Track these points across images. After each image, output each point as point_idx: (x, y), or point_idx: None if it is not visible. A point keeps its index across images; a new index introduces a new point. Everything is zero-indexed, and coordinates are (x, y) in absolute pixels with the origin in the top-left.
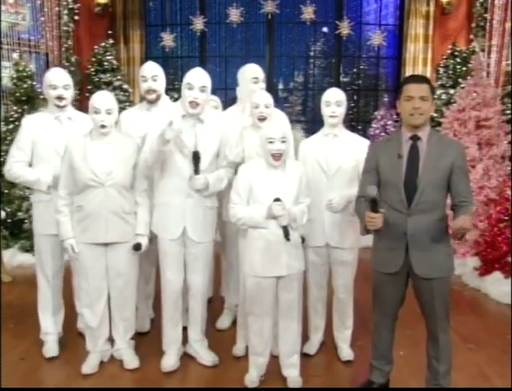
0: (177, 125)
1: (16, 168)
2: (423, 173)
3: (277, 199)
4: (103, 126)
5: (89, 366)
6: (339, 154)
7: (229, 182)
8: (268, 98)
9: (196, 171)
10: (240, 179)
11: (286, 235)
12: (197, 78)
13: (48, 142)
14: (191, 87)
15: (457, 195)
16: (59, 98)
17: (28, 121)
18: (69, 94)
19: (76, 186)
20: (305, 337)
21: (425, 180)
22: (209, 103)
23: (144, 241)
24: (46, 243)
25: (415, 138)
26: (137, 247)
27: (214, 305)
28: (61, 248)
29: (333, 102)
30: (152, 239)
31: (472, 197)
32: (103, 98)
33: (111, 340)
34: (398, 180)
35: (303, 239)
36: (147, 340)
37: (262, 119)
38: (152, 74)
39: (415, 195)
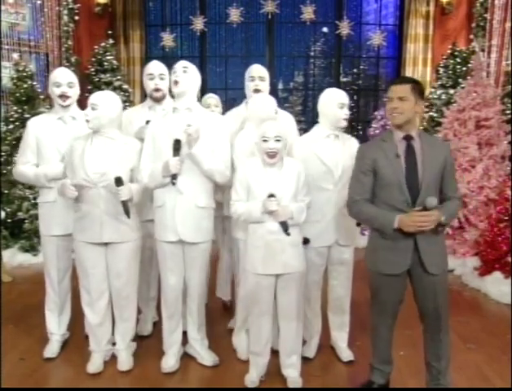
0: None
1: (18, 168)
2: (424, 171)
3: (271, 195)
4: (86, 121)
5: (94, 365)
6: (345, 155)
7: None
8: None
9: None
10: (238, 177)
11: (285, 230)
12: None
13: (52, 143)
14: (174, 71)
15: (448, 190)
16: (63, 96)
17: (33, 123)
18: (73, 92)
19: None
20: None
21: (426, 178)
22: (208, 100)
23: (125, 177)
24: (51, 244)
25: (408, 138)
26: (118, 181)
27: (214, 305)
28: (67, 249)
29: (346, 104)
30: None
31: (458, 193)
32: (100, 95)
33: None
34: (400, 180)
35: (308, 240)
36: (149, 341)
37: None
38: (160, 72)
39: (419, 194)
